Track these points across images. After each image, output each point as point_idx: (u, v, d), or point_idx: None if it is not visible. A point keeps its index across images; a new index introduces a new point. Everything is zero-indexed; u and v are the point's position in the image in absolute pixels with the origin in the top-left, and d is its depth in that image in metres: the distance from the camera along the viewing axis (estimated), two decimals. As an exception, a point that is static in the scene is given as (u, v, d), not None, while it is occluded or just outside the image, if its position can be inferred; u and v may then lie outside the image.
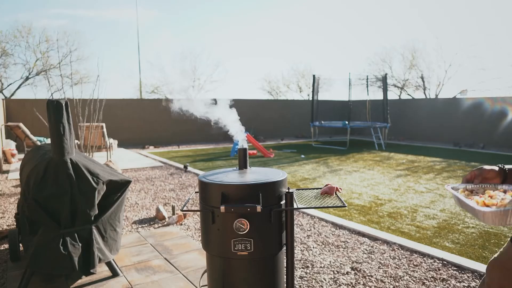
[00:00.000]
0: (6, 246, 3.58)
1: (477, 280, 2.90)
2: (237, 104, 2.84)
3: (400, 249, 3.55)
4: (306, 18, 42.93)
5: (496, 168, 1.37)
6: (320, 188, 2.15)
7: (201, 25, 40.35)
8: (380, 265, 3.20)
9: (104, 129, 9.58)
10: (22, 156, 9.25)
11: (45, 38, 19.20)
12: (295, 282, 2.87)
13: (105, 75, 30.66)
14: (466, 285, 2.83)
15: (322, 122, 14.54)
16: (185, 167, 7.96)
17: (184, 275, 3.00)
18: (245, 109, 14.91)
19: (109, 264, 2.95)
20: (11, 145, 9.40)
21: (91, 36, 35.68)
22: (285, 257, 2.03)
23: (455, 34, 29.40)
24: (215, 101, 2.36)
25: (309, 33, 44.06)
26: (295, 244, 3.15)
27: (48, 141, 9.44)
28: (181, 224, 4.36)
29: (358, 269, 3.11)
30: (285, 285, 2.06)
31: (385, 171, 7.90)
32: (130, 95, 26.47)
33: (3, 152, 8.94)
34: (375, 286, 2.83)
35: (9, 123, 9.91)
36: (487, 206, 1.08)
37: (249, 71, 44.42)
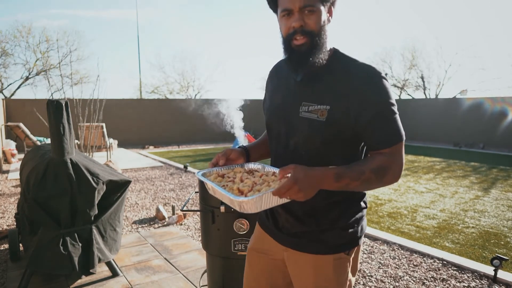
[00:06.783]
0: (6, 246, 3.58)
1: (477, 280, 2.90)
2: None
3: (400, 249, 3.55)
4: (306, 18, 42.78)
5: (239, 148, 1.37)
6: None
7: (201, 25, 40.36)
8: (380, 265, 3.20)
9: (104, 129, 9.59)
10: (22, 156, 9.25)
11: (45, 38, 19.21)
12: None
13: (105, 75, 30.67)
14: (466, 285, 2.83)
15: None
16: (185, 167, 7.96)
17: (184, 275, 3.00)
18: (245, 109, 14.90)
19: (109, 264, 2.96)
20: (11, 145, 9.40)
21: (91, 36, 35.75)
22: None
23: (455, 34, 29.39)
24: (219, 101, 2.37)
25: (309, 33, 43.93)
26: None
27: (48, 141, 9.45)
28: (181, 224, 4.36)
29: (358, 269, 3.12)
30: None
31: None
32: (130, 95, 26.50)
33: (3, 152, 8.94)
34: (375, 286, 2.83)
35: (9, 123, 9.92)
36: (241, 191, 1.06)
37: (249, 71, 44.46)
